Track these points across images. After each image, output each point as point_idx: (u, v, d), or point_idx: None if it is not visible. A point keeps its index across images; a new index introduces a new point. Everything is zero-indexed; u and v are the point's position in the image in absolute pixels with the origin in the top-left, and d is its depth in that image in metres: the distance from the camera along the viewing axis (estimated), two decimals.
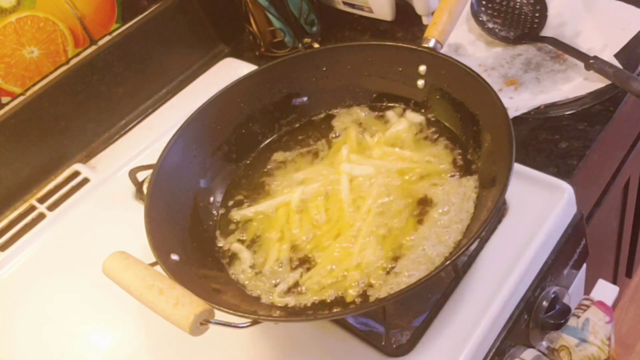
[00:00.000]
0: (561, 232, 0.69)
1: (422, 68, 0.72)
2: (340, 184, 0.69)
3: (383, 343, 0.61)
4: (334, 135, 0.76)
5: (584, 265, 0.81)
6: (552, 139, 0.75)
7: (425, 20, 0.97)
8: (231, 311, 0.52)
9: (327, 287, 0.61)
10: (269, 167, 0.75)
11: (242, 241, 0.68)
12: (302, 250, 0.65)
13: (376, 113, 0.76)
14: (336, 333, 0.64)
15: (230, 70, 0.99)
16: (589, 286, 0.81)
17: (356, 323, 0.64)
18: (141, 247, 0.58)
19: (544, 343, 0.74)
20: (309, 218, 0.68)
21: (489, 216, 0.53)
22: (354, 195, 0.68)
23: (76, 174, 0.91)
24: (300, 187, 0.70)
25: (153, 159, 0.68)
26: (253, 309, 0.59)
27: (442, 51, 0.72)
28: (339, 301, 0.60)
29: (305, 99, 0.78)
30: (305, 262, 0.64)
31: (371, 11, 1.02)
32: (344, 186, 0.68)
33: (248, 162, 0.77)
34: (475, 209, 0.63)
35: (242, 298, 0.61)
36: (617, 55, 0.80)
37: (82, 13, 0.90)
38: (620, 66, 0.78)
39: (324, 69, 0.77)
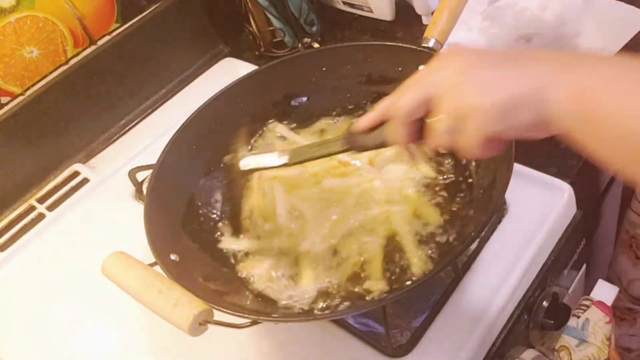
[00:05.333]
0: (561, 232, 0.69)
1: (422, 68, 0.71)
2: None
3: (383, 343, 0.61)
4: None
5: (584, 265, 0.81)
6: (551, 139, 0.74)
7: (425, 20, 0.97)
8: (230, 311, 0.51)
9: None
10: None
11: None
12: None
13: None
14: (336, 333, 0.64)
15: (230, 70, 0.99)
16: (588, 286, 0.81)
17: (356, 323, 0.64)
18: (141, 247, 0.58)
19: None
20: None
21: (489, 216, 0.53)
22: None
23: (76, 174, 0.91)
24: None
25: (153, 159, 0.68)
26: (253, 309, 0.59)
27: (441, 51, 0.72)
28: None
29: (304, 98, 0.78)
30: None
31: (371, 11, 1.02)
32: None
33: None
34: (475, 209, 0.63)
35: (241, 298, 0.61)
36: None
37: (82, 13, 0.90)
38: None
39: (324, 68, 0.76)
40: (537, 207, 0.68)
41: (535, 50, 0.41)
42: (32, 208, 0.88)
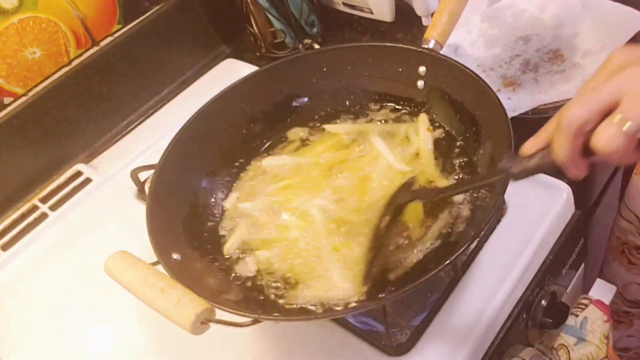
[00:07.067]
0: (559, 231, 0.70)
1: (422, 69, 0.72)
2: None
3: (383, 342, 0.62)
4: None
5: (582, 264, 0.81)
6: None
7: (425, 21, 0.97)
8: (232, 310, 0.52)
9: None
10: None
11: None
12: None
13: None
14: (336, 332, 0.65)
15: (232, 71, 1.00)
16: (587, 285, 0.81)
17: (356, 322, 0.65)
18: (143, 246, 0.58)
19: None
20: None
21: (488, 216, 0.54)
22: None
23: (78, 174, 0.92)
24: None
25: (155, 159, 0.68)
26: (254, 308, 0.59)
27: (441, 52, 0.72)
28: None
29: (305, 99, 0.79)
30: None
31: (371, 12, 1.02)
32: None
33: (249, 162, 0.77)
34: (475, 209, 0.63)
35: (243, 297, 0.62)
36: None
37: (84, 14, 0.90)
38: None
39: (325, 69, 0.77)
40: (536, 207, 0.69)
41: None
42: (34, 208, 0.89)
